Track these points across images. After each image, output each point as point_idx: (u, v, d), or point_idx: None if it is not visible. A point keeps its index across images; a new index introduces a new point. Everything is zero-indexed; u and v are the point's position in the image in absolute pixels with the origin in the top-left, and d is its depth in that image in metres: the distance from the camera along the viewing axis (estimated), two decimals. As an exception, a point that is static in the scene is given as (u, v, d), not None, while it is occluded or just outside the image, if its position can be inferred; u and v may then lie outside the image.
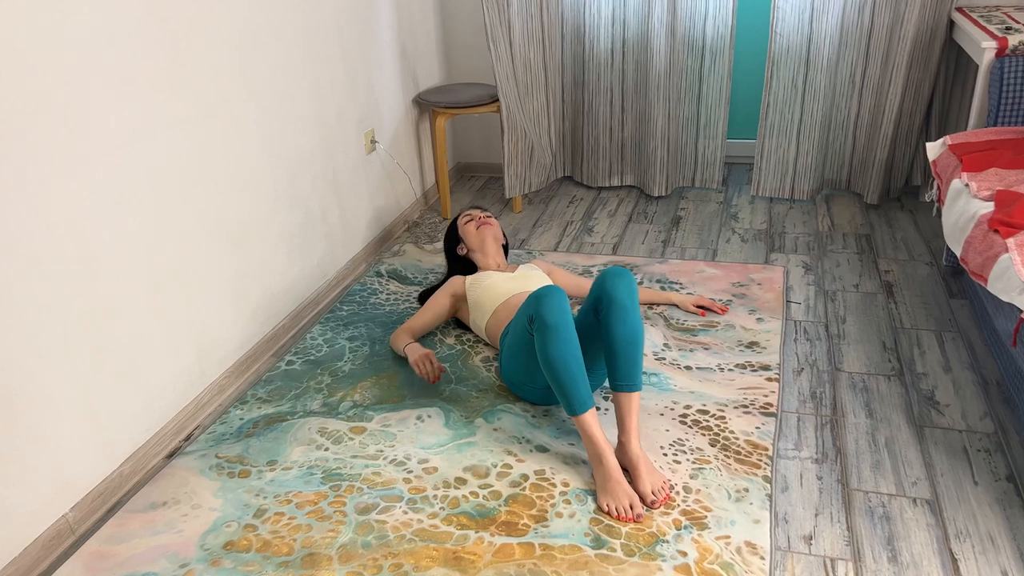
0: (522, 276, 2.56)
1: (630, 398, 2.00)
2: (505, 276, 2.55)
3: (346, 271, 3.14)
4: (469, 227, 2.72)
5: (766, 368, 2.41)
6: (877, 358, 2.48)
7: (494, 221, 2.74)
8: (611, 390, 2.04)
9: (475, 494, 1.97)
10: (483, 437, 2.17)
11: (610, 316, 2.02)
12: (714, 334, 2.60)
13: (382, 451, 2.13)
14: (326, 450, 2.14)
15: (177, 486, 2.05)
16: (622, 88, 3.73)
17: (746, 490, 1.94)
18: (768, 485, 1.95)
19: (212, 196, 2.36)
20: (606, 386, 2.36)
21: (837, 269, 3.04)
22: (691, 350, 2.52)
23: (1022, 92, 2.66)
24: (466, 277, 2.61)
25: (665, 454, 2.08)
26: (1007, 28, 2.84)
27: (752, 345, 2.53)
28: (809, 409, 2.26)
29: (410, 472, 2.05)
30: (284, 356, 2.59)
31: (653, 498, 1.89)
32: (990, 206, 2.19)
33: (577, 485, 1.98)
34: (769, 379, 2.36)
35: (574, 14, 3.66)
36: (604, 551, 1.78)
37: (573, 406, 1.97)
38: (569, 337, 1.97)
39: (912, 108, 3.42)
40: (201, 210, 2.31)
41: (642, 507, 1.88)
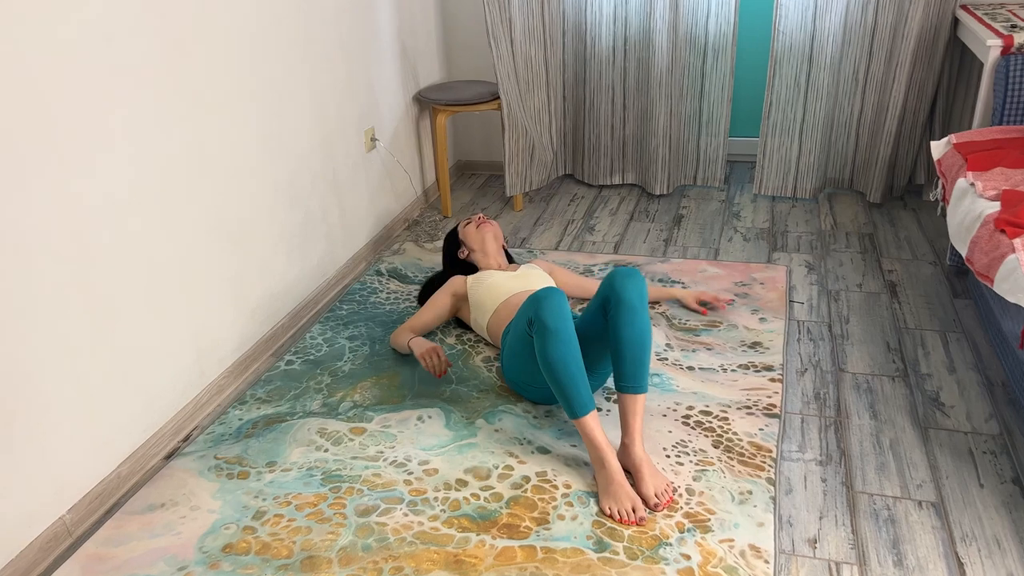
0: (523, 275, 2.54)
1: (635, 400, 1.99)
2: (506, 275, 2.53)
3: (346, 270, 3.12)
4: (469, 228, 2.71)
5: (769, 369, 2.39)
6: (881, 359, 2.46)
7: (494, 222, 2.74)
8: (616, 391, 2.02)
9: (476, 496, 1.95)
10: (484, 438, 2.15)
11: (619, 317, 2.00)
12: (717, 334, 2.58)
13: (382, 452, 2.12)
14: (326, 451, 2.13)
15: (175, 487, 2.03)
16: (624, 86, 3.71)
17: (750, 492, 1.92)
18: (772, 487, 1.94)
19: (211, 195, 2.33)
20: (609, 387, 2.34)
21: (840, 268, 3.02)
22: (693, 350, 2.50)
23: (1027, 90, 2.64)
24: (467, 277, 2.60)
25: (668, 456, 2.06)
26: (1012, 26, 2.82)
27: (755, 345, 2.51)
28: (813, 410, 2.24)
29: (410, 474, 2.04)
30: (283, 356, 2.57)
31: (656, 501, 1.88)
32: (996, 206, 2.17)
33: (579, 487, 1.96)
34: (772, 380, 2.34)
35: (575, 11, 3.64)
36: (607, 554, 1.77)
37: (574, 409, 1.95)
38: (569, 340, 1.95)
39: (916, 106, 3.40)
40: (200, 209, 2.29)
41: (645, 510, 1.86)
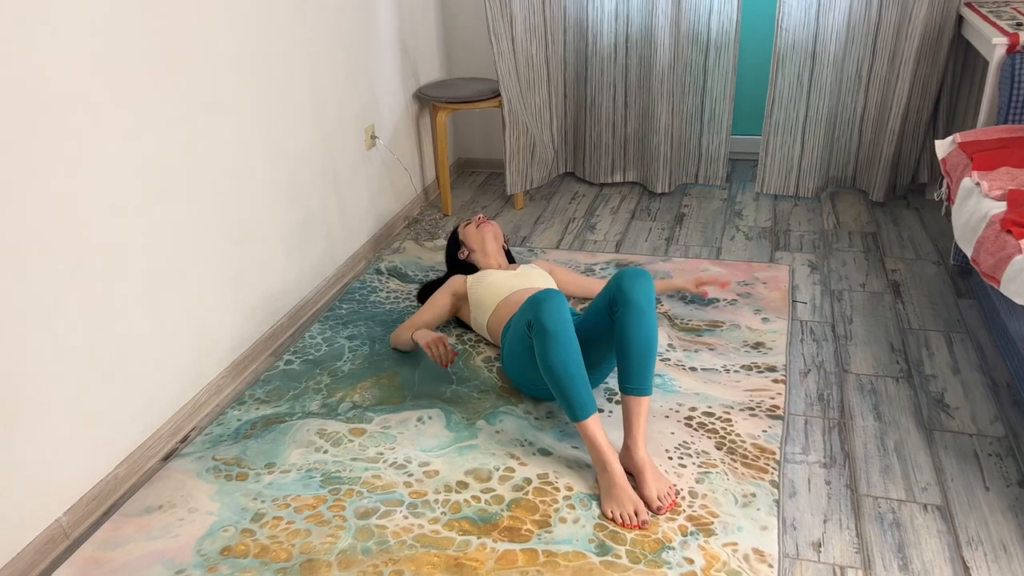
0: (523, 273, 2.53)
1: (639, 402, 1.96)
2: (506, 274, 2.52)
3: (345, 269, 3.10)
4: (469, 228, 2.70)
5: (772, 369, 2.37)
6: (885, 359, 2.44)
7: (494, 222, 2.73)
8: (620, 392, 2.00)
9: (477, 498, 1.93)
10: (485, 440, 2.13)
11: (626, 318, 1.98)
12: (719, 334, 2.56)
13: (382, 454, 2.10)
14: (325, 452, 2.11)
15: (173, 489, 2.01)
16: (625, 83, 3.69)
17: (753, 495, 1.91)
18: (776, 490, 1.92)
19: (210, 193, 2.31)
20: (611, 387, 2.32)
21: (843, 268, 3.00)
22: (696, 351, 2.48)
23: (1033, 89, 2.61)
24: (467, 276, 2.58)
25: (670, 457, 2.04)
26: (1018, 24, 2.79)
27: (758, 346, 2.49)
28: (816, 412, 2.22)
29: (411, 475, 2.02)
30: (282, 356, 2.55)
31: (659, 504, 1.86)
32: (1002, 206, 2.14)
33: (581, 489, 1.95)
34: (775, 381, 2.32)
35: (577, 8, 3.61)
36: (609, 558, 1.75)
37: (575, 412, 1.93)
38: (569, 342, 1.93)
39: (919, 105, 3.37)
40: (198, 207, 2.27)
41: (647, 513, 1.84)
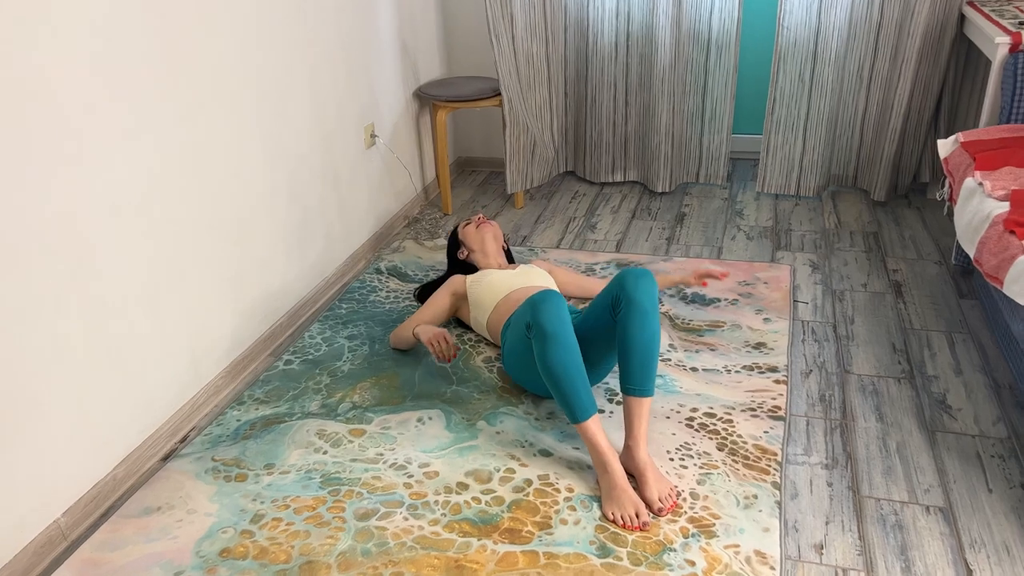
0: (523, 272, 2.52)
1: (641, 403, 1.95)
2: (506, 273, 2.51)
3: (345, 268, 3.09)
4: (469, 228, 2.70)
5: (774, 370, 2.36)
6: (887, 360, 2.43)
7: (494, 222, 2.72)
8: (621, 392, 1.99)
9: (477, 500, 1.92)
10: (485, 440, 2.12)
11: (629, 319, 1.97)
12: (720, 334, 2.55)
13: (382, 454, 2.09)
14: (325, 453, 2.10)
15: (172, 490, 2.00)
16: (626, 82, 3.68)
17: (755, 496, 1.90)
18: (777, 492, 1.91)
19: (209, 192, 2.30)
20: (612, 388, 2.31)
21: (845, 268, 2.99)
22: (697, 351, 2.47)
23: (1036, 88, 2.60)
24: (467, 276, 2.57)
25: (672, 459, 2.03)
26: (1020, 23, 2.78)
27: (759, 346, 2.48)
28: (818, 412, 2.21)
29: (411, 476, 2.01)
30: (282, 356, 2.54)
31: (660, 505, 1.85)
32: (1005, 206, 2.13)
33: (582, 491, 1.94)
34: (777, 381, 2.31)
35: (578, 6, 3.60)
36: (610, 560, 1.74)
37: (575, 413, 1.92)
38: (568, 344, 1.92)
39: (921, 104, 3.36)
40: (197, 207, 2.26)
41: (648, 515, 1.83)
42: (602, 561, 1.73)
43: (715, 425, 2.14)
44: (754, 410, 2.19)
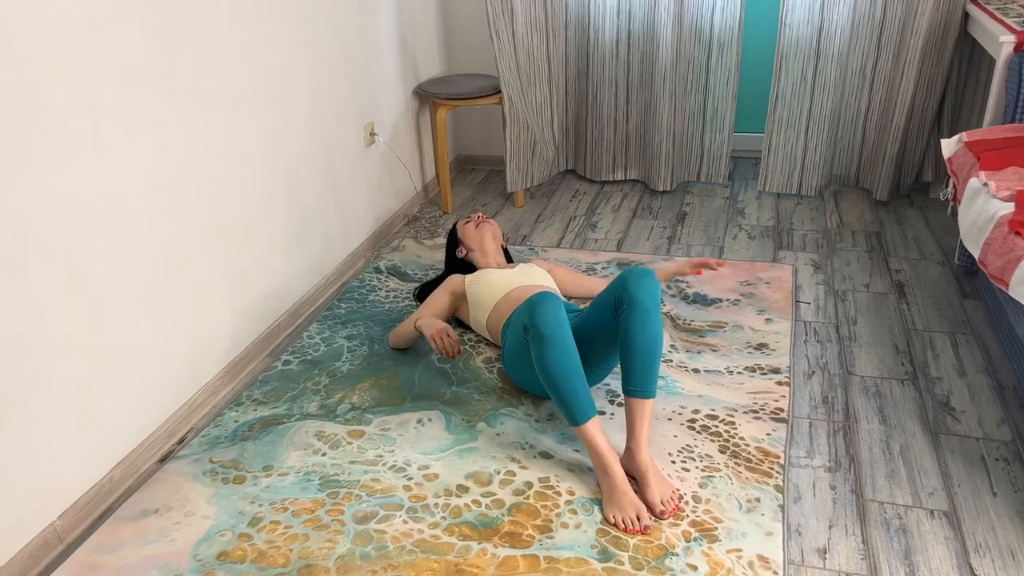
0: (522, 272, 2.50)
1: (643, 405, 1.94)
2: (505, 272, 2.49)
3: (344, 267, 3.07)
4: (468, 227, 2.68)
5: (776, 371, 2.35)
6: (890, 361, 2.41)
7: (493, 221, 2.70)
8: (623, 394, 1.97)
9: (477, 503, 1.90)
10: (485, 442, 2.10)
11: (631, 320, 1.95)
12: (722, 335, 2.53)
13: (381, 456, 2.07)
14: (323, 455, 2.08)
15: (169, 492, 1.98)
16: (627, 80, 3.65)
17: (757, 500, 1.88)
18: (780, 495, 1.89)
19: (207, 192, 2.28)
20: (613, 389, 2.29)
21: (847, 268, 2.97)
22: (699, 352, 2.45)
23: (1040, 88, 2.58)
24: (465, 276, 2.55)
25: (673, 461, 2.01)
26: (1025, 21, 2.76)
27: (761, 347, 2.46)
28: (821, 415, 2.20)
29: (410, 479, 1.99)
30: (280, 356, 2.52)
31: (662, 508, 1.83)
32: (1010, 207, 2.12)
33: (583, 494, 1.92)
34: (779, 383, 2.29)
35: (579, 3, 3.58)
36: (611, 564, 1.72)
37: (575, 416, 1.90)
38: (566, 346, 1.90)
39: (924, 103, 3.34)
40: (195, 206, 2.24)
41: (650, 518, 1.82)
42: (603, 565, 1.72)
43: (717, 427, 2.13)
44: (756, 412, 2.18)
